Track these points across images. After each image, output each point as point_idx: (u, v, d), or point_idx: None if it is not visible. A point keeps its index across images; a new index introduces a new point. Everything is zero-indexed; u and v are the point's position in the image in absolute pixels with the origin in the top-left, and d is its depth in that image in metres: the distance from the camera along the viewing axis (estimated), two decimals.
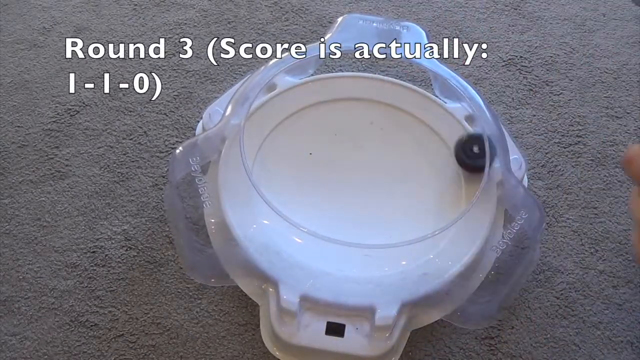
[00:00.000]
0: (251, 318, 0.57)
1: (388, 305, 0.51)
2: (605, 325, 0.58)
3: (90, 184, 0.64)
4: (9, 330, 0.56)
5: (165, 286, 0.58)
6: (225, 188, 0.56)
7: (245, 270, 0.54)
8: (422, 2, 0.82)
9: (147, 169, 0.66)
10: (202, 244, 0.56)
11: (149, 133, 0.68)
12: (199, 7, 0.80)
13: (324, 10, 0.80)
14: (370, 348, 0.51)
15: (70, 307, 0.57)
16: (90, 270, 0.59)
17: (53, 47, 0.75)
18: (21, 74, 0.73)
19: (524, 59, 0.76)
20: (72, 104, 0.70)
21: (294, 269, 0.53)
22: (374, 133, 0.64)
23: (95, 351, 0.55)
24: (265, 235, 0.55)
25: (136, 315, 0.57)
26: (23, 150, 0.67)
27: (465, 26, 0.79)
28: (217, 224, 0.55)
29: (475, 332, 0.57)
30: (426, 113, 0.64)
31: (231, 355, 0.55)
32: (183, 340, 0.56)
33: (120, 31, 0.77)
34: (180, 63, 0.74)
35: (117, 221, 0.62)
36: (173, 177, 0.55)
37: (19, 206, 0.63)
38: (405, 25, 0.65)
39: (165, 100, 0.71)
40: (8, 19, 0.78)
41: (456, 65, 0.75)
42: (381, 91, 0.65)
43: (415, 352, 0.55)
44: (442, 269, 0.53)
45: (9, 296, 0.57)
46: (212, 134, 0.58)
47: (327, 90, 0.65)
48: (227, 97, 0.62)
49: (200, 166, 0.55)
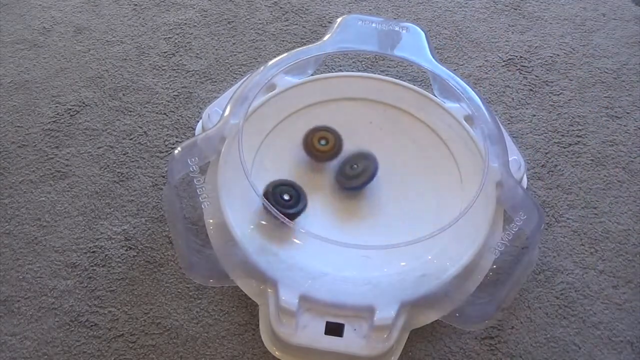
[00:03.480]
0: (251, 318, 0.57)
1: (387, 306, 0.51)
2: (605, 325, 0.58)
3: (90, 184, 0.64)
4: (9, 330, 0.56)
5: (165, 286, 0.58)
6: (224, 188, 0.56)
7: (244, 270, 0.54)
8: (422, 2, 0.82)
9: (147, 169, 0.66)
10: (201, 244, 0.56)
11: (149, 133, 0.68)
12: (199, 7, 0.80)
13: (324, 10, 0.80)
14: (369, 348, 0.51)
15: (70, 307, 0.57)
16: (90, 270, 0.59)
17: (53, 47, 0.75)
18: (21, 74, 0.73)
19: (524, 59, 0.76)
20: (72, 104, 0.70)
21: (292, 270, 0.53)
22: (374, 133, 0.64)
23: (95, 351, 0.55)
24: (264, 236, 0.55)
25: (136, 315, 0.57)
26: (23, 150, 0.67)
27: (465, 26, 0.79)
28: (216, 224, 0.55)
29: (475, 332, 0.57)
30: (425, 113, 0.64)
31: (231, 355, 0.55)
32: (183, 340, 0.56)
33: (120, 31, 0.77)
34: (180, 63, 0.74)
35: (117, 221, 0.62)
36: (172, 178, 0.55)
37: (19, 206, 0.63)
38: (404, 26, 0.65)
39: (165, 100, 0.71)
40: (8, 19, 0.78)
41: (456, 66, 0.75)
42: (381, 91, 0.65)
43: (415, 352, 0.55)
44: (441, 269, 0.53)
45: (9, 296, 0.58)
46: (211, 134, 0.58)
47: (326, 90, 0.65)
48: (226, 97, 0.62)
49: (199, 166, 0.55)
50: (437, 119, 0.63)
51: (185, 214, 0.59)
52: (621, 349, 0.56)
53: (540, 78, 0.74)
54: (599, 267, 0.61)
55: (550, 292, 0.59)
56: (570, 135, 0.70)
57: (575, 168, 0.67)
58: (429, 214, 0.58)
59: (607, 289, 0.60)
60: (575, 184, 0.66)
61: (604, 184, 0.66)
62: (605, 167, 0.67)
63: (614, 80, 0.75)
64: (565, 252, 0.62)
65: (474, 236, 0.55)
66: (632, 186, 0.66)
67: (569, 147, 0.69)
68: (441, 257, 0.54)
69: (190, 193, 0.57)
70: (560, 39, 0.78)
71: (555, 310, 0.58)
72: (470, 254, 0.54)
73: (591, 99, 0.73)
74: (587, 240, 0.62)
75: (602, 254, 0.62)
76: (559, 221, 0.63)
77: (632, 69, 0.76)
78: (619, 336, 0.57)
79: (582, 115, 0.71)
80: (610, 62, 0.76)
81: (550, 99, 0.73)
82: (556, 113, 0.71)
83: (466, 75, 0.74)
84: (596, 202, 0.65)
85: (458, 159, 0.61)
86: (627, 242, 0.62)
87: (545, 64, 0.76)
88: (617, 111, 0.72)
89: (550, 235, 0.63)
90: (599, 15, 0.81)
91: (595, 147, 0.69)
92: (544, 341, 0.56)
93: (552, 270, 0.60)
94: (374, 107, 0.65)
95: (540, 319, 0.58)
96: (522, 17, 0.81)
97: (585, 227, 0.63)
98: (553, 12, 0.81)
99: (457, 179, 0.60)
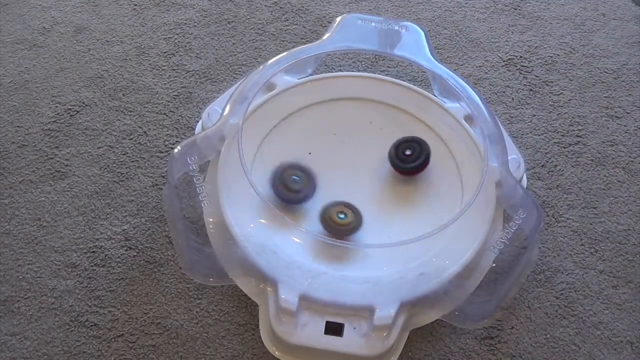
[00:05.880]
0: (251, 318, 0.57)
1: (386, 305, 0.51)
2: (605, 325, 0.58)
3: (90, 184, 0.64)
4: (9, 330, 0.56)
5: (165, 286, 0.58)
6: (224, 187, 0.56)
7: (244, 269, 0.54)
8: (422, 2, 0.82)
9: (147, 169, 0.66)
10: (200, 243, 0.56)
11: (149, 133, 0.68)
12: (199, 7, 0.80)
13: (324, 10, 0.80)
14: (369, 347, 0.51)
15: (70, 307, 0.57)
16: (90, 270, 0.59)
17: (53, 47, 0.75)
18: (21, 74, 0.73)
19: (524, 59, 0.76)
20: (72, 104, 0.70)
21: (292, 269, 0.53)
22: (373, 132, 0.64)
23: (95, 351, 0.55)
24: (263, 235, 0.55)
25: (136, 315, 0.57)
26: (23, 150, 0.67)
27: (465, 26, 0.79)
28: (215, 223, 0.55)
29: (475, 332, 0.56)
30: (425, 113, 0.64)
31: (231, 355, 0.55)
32: (183, 340, 0.56)
33: (120, 31, 0.77)
34: (180, 63, 0.74)
35: (117, 221, 0.62)
36: (172, 177, 0.55)
37: (19, 206, 0.63)
38: (404, 25, 0.65)
39: (165, 100, 0.71)
40: (8, 19, 0.78)
41: (455, 66, 0.75)
42: (380, 91, 0.65)
43: (414, 352, 0.55)
44: (441, 268, 0.53)
45: (9, 296, 0.58)
46: (210, 134, 0.58)
47: (326, 90, 0.65)
48: (226, 96, 0.62)
49: (198, 166, 0.55)
50: (437, 119, 0.63)
51: (185, 213, 0.59)
52: (621, 349, 0.56)
53: (540, 78, 0.74)
54: (599, 267, 0.61)
55: (550, 292, 0.59)
56: (570, 135, 0.70)
57: (575, 168, 0.67)
58: (429, 213, 0.58)
59: (607, 289, 0.59)
60: (575, 184, 0.66)
61: (604, 184, 0.66)
62: (605, 167, 0.67)
63: (614, 80, 0.75)
64: (565, 252, 0.62)
65: (473, 235, 0.55)
66: (632, 186, 0.66)
67: (569, 147, 0.69)
68: (441, 256, 0.54)
69: (190, 192, 0.57)
70: (560, 39, 0.78)
71: (555, 310, 0.58)
72: (470, 253, 0.54)
73: (591, 99, 0.73)
74: (587, 240, 0.62)
75: (602, 254, 0.62)
76: (559, 221, 0.63)
77: (632, 69, 0.76)
78: (619, 336, 0.57)
79: (582, 115, 0.71)
80: (610, 62, 0.76)
81: (550, 99, 0.73)
82: (556, 113, 0.71)
83: (466, 75, 0.74)
84: (596, 202, 0.65)
85: (458, 159, 0.61)
86: (627, 242, 0.62)
87: (545, 64, 0.76)
88: (617, 111, 0.72)
89: (550, 235, 0.63)
90: (599, 15, 0.81)
91: (595, 147, 0.69)
92: (544, 341, 0.56)
93: (552, 270, 0.60)
94: (374, 107, 0.65)
95: (540, 319, 0.58)
96: (522, 17, 0.81)
97: (585, 227, 0.63)
98: (553, 12, 0.81)
99: (456, 178, 0.60)
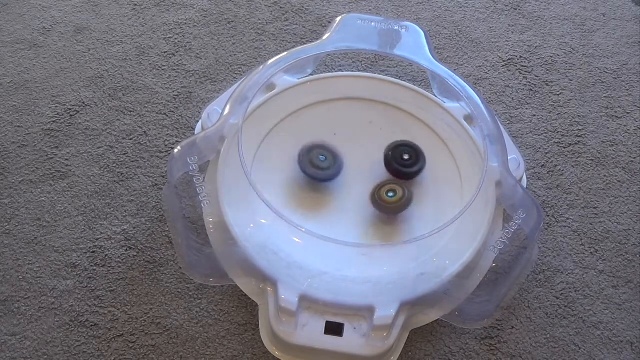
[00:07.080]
0: (251, 318, 0.57)
1: (386, 305, 0.51)
2: (605, 325, 0.58)
3: (90, 184, 0.64)
4: (9, 330, 0.56)
5: (165, 286, 0.58)
6: (224, 187, 0.56)
7: (244, 269, 0.54)
8: (422, 2, 0.82)
9: (147, 169, 0.66)
10: (200, 243, 0.56)
11: (149, 133, 0.68)
12: (199, 7, 0.80)
13: (324, 10, 0.80)
14: (369, 347, 0.51)
15: (70, 307, 0.57)
16: (90, 270, 0.59)
17: (53, 47, 0.75)
18: (21, 74, 0.73)
19: (524, 59, 0.76)
20: (72, 104, 0.70)
21: (292, 269, 0.53)
22: (373, 132, 0.64)
23: (95, 351, 0.55)
24: (263, 235, 0.55)
25: (136, 315, 0.57)
26: (23, 150, 0.67)
27: (465, 26, 0.79)
28: (215, 223, 0.55)
29: (475, 332, 0.56)
30: (425, 113, 0.64)
31: (231, 355, 0.55)
32: (183, 340, 0.56)
33: (120, 31, 0.77)
34: (180, 63, 0.74)
35: (117, 221, 0.62)
36: (172, 177, 0.55)
37: (19, 206, 0.63)
38: (404, 25, 0.65)
39: (165, 100, 0.71)
40: (8, 19, 0.78)
41: (455, 66, 0.75)
42: (380, 91, 0.65)
43: (414, 352, 0.55)
44: (441, 268, 0.53)
45: (9, 296, 0.58)
46: (210, 134, 0.58)
47: (326, 89, 0.65)
48: (226, 96, 0.62)
49: (198, 166, 0.55)
50: (437, 119, 0.63)
51: (185, 213, 0.59)
52: (621, 349, 0.56)
53: (540, 78, 0.74)
54: (599, 267, 0.61)
55: (550, 292, 0.59)
56: (570, 135, 0.70)
57: (575, 168, 0.67)
58: (429, 213, 0.58)
59: (607, 289, 0.59)
60: (575, 184, 0.66)
61: (604, 184, 0.66)
62: (605, 167, 0.67)
63: (614, 80, 0.75)
64: (565, 252, 0.62)
65: (473, 235, 0.55)
66: (632, 186, 0.66)
67: (569, 147, 0.69)
68: (441, 256, 0.54)
69: (190, 192, 0.57)
70: (560, 39, 0.78)
71: (555, 310, 0.58)
72: (470, 252, 0.54)
73: (591, 99, 0.73)
74: (587, 240, 0.62)
75: (602, 254, 0.62)
76: (559, 221, 0.63)
77: (632, 69, 0.76)
78: (619, 336, 0.57)
79: (582, 115, 0.71)
80: (610, 62, 0.76)
81: (550, 99, 0.73)
82: (556, 113, 0.71)
83: (466, 75, 0.74)
84: (596, 202, 0.65)
85: (458, 159, 0.61)
86: (627, 242, 0.62)
87: (545, 64, 0.76)
88: (617, 111, 0.72)
89: (550, 235, 0.63)
90: (599, 15, 0.81)
91: (595, 147, 0.69)
92: (544, 341, 0.56)
93: (552, 270, 0.60)
94: (374, 106, 0.65)
95: (540, 319, 0.58)
96: (522, 17, 0.81)
97: (585, 227, 0.63)
98: (553, 12, 0.81)
99: (456, 178, 0.60)
